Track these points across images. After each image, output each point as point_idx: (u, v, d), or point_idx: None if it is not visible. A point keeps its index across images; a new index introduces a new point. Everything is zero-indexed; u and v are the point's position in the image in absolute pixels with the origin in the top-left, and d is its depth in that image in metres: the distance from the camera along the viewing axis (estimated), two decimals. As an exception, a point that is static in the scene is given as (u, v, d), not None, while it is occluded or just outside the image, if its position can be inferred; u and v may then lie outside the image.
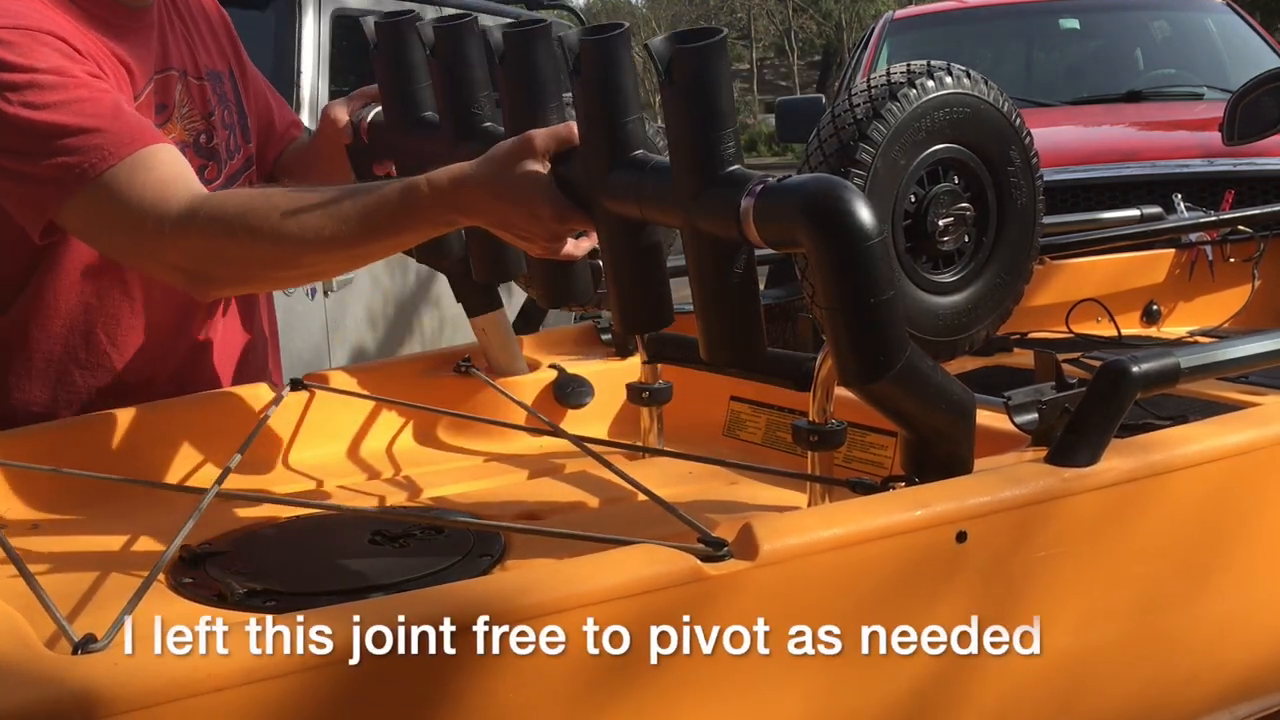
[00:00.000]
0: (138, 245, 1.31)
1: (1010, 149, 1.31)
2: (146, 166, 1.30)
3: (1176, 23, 5.01)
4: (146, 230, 1.28)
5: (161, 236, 1.27)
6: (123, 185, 1.29)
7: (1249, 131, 2.45)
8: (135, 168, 1.29)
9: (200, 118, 1.58)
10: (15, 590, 0.99)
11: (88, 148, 1.29)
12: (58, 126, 1.29)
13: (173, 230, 1.27)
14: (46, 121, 1.29)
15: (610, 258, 1.25)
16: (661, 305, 1.27)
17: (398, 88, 1.56)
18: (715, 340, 1.19)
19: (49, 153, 1.29)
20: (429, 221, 1.23)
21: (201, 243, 1.27)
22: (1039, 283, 2.19)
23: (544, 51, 1.34)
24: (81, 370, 1.52)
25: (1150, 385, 1.16)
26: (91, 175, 1.29)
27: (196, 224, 1.26)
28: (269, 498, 1.38)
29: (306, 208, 1.24)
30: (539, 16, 1.29)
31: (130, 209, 1.28)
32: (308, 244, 1.24)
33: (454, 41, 1.45)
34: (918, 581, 1.02)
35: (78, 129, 1.29)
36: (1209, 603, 1.23)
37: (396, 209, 1.22)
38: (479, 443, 1.68)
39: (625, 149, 1.19)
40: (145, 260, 1.35)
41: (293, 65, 3.77)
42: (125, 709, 0.74)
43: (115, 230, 1.32)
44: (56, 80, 1.31)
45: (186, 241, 1.27)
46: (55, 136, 1.29)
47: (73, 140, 1.29)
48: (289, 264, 1.29)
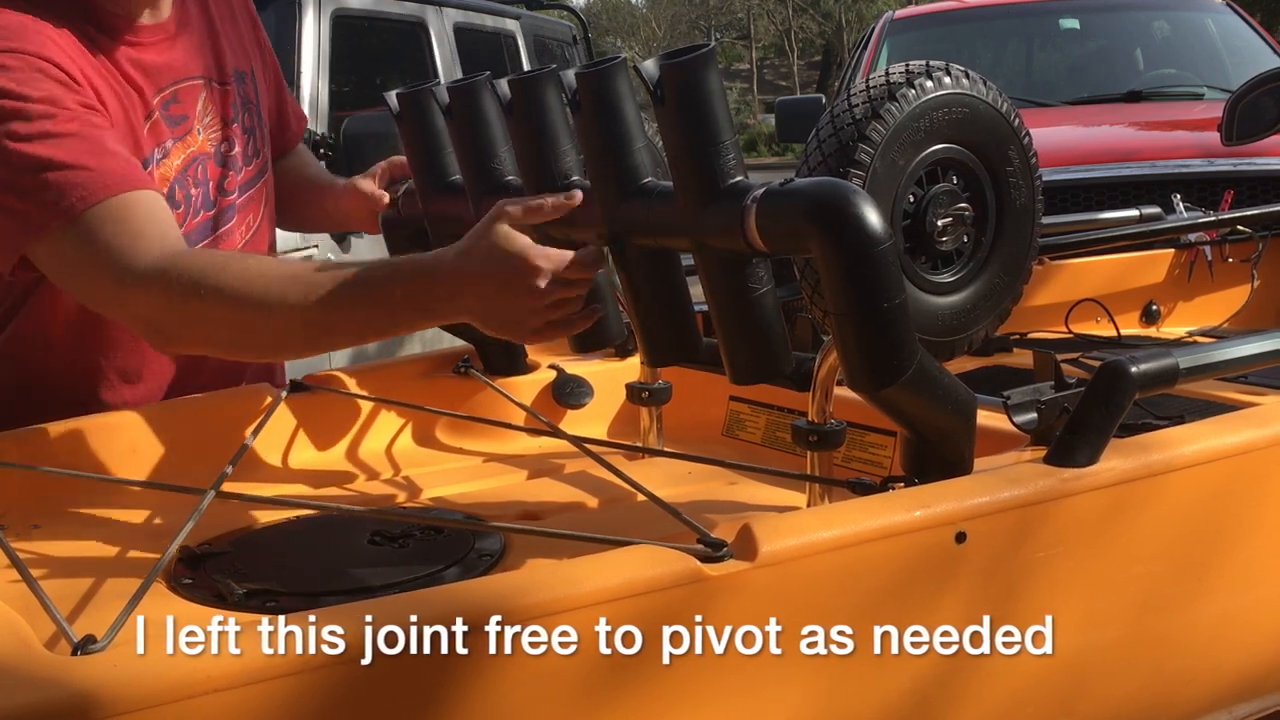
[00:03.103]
0: (104, 292, 1.30)
1: (1009, 149, 1.31)
2: (124, 213, 1.27)
3: (1176, 23, 5.01)
4: (112, 278, 1.26)
5: (126, 287, 1.25)
6: (96, 229, 1.27)
7: (1248, 131, 2.45)
8: (111, 213, 1.27)
9: (221, 126, 1.56)
10: (15, 591, 0.99)
11: (68, 185, 1.27)
12: (40, 160, 1.27)
13: (137, 282, 1.25)
14: (29, 154, 1.27)
15: (638, 291, 1.25)
16: (687, 336, 1.27)
17: (426, 154, 1.56)
18: (742, 362, 1.19)
19: (29, 188, 1.27)
20: (403, 313, 1.18)
21: (165, 299, 1.24)
22: (1038, 283, 2.19)
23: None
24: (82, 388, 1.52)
25: (1149, 385, 1.16)
26: (69, 215, 1.26)
27: (163, 280, 1.23)
28: (269, 498, 1.38)
29: (280, 275, 1.21)
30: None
31: (100, 255, 1.26)
32: (270, 311, 1.20)
33: (470, 98, 1.45)
34: (917, 582, 1.02)
35: (60, 164, 1.27)
36: (1208, 603, 1.23)
37: (363, 290, 1.18)
38: (478, 443, 1.68)
39: (634, 179, 1.19)
40: (110, 308, 1.34)
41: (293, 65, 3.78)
42: (125, 710, 0.74)
43: (83, 274, 1.30)
44: (45, 110, 1.28)
45: (149, 295, 1.25)
46: (37, 170, 1.27)
47: (54, 175, 1.27)
48: (251, 331, 1.24)
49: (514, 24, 5.12)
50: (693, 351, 1.32)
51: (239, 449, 1.40)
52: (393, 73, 4.78)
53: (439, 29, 4.49)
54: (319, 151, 3.79)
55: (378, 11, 4.29)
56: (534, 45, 5.21)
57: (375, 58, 4.76)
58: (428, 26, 4.45)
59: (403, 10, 4.37)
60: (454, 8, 4.63)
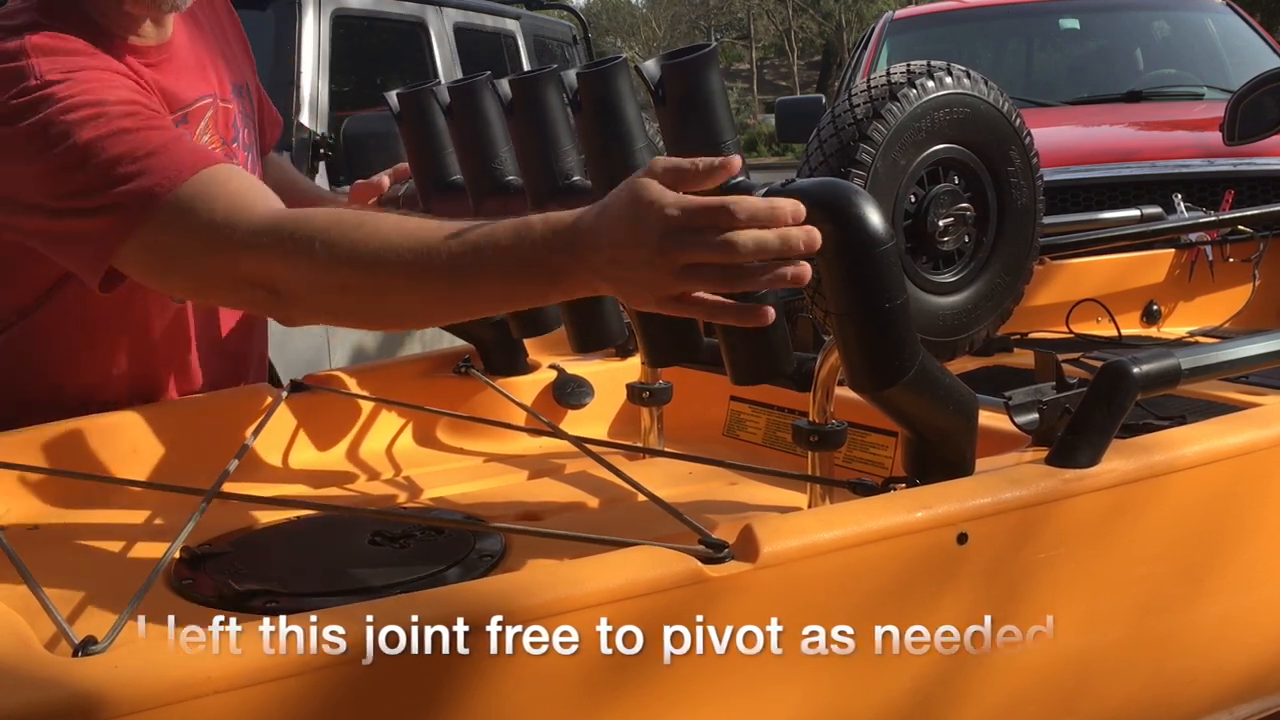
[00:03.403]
0: (209, 264, 1.21)
1: (1010, 149, 1.31)
2: (213, 186, 1.21)
3: (1176, 23, 5.01)
4: (218, 247, 1.18)
5: (233, 252, 1.17)
6: (190, 204, 1.20)
7: (1249, 131, 2.45)
8: (201, 187, 1.20)
9: (222, 145, 1.55)
10: (15, 592, 0.99)
11: (152, 170, 1.22)
12: (117, 155, 1.23)
13: (244, 244, 1.16)
14: (109, 152, 1.23)
15: None
16: (688, 336, 1.25)
17: (429, 153, 1.55)
18: (742, 362, 1.18)
19: (114, 180, 1.22)
20: (540, 271, 1.02)
21: (278, 259, 1.14)
22: (1039, 283, 2.19)
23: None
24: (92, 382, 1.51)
25: (1151, 386, 1.16)
26: (160, 196, 1.20)
27: (272, 238, 1.14)
28: (269, 499, 1.38)
29: (397, 230, 1.08)
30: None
31: (201, 227, 1.19)
32: (389, 270, 1.08)
33: (470, 97, 1.44)
34: (919, 583, 1.02)
35: (145, 153, 1.23)
36: (1210, 604, 1.23)
37: (498, 246, 1.03)
38: (479, 443, 1.68)
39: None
40: (218, 282, 1.23)
41: (293, 65, 3.78)
42: (127, 711, 0.73)
43: (185, 253, 1.22)
44: (125, 110, 1.26)
45: (260, 257, 1.15)
46: (118, 164, 1.22)
47: (133, 166, 1.22)
48: (370, 294, 1.12)
49: (514, 24, 5.12)
50: (693, 351, 1.32)
51: (239, 449, 1.39)
52: (393, 73, 4.78)
53: (439, 29, 4.49)
54: (319, 151, 3.79)
55: (378, 11, 4.29)
56: (534, 45, 5.22)
57: (375, 58, 4.76)
58: (428, 26, 4.45)
59: (403, 10, 4.37)
60: (454, 8, 4.64)
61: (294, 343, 3.33)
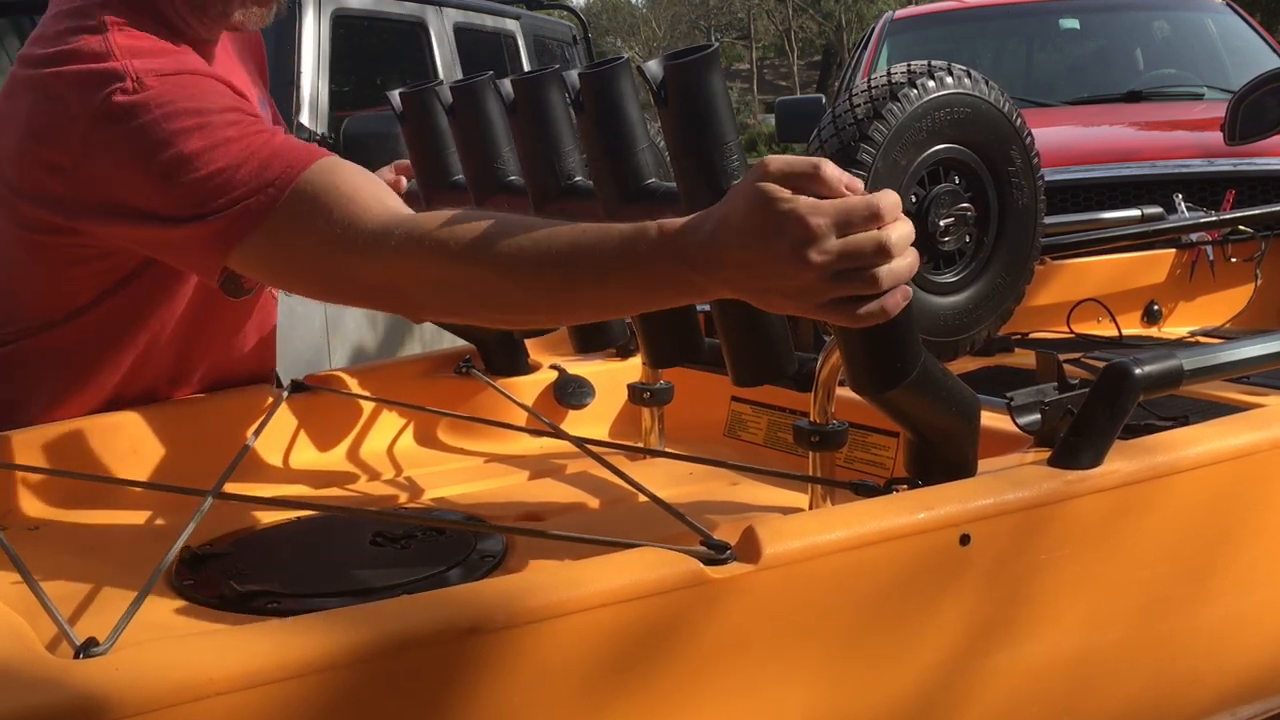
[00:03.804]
0: (331, 265, 1.19)
1: (1011, 149, 1.31)
2: (332, 179, 1.19)
3: (1176, 23, 5.01)
4: (341, 248, 1.16)
5: (357, 254, 1.15)
6: (309, 203, 1.18)
7: (1250, 131, 2.45)
8: (319, 182, 1.19)
9: None
10: (16, 593, 0.99)
11: (267, 165, 1.21)
12: (229, 164, 1.22)
13: (367, 247, 1.15)
14: (220, 160, 1.22)
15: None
16: (689, 336, 1.24)
17: (431, 154, 1.55)
18: (744, 363, 1.18)
19: (229, 187, 1.21)
20: (653, 278, 1.00)
21: (399, 262, 1.13)
22: (1040, 283, 2.19)
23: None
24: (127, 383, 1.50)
25: (1153, 387, 1.16)
26: (277, 195, 1.20)
27: (393, 240, 1.13)
28: (270, 499, 1.38)
29: (514, 232, 1.07)
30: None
31: (320, 226, 1.17)
32: (507, 271, 1.07)
33: (472, 97, 1.44)
34: (921, 584, 1.02)
35: (254, 159, 1.22)
36: (1212, 605, 1.23)
37: (611, 251, 1.01)
38: (480, 444, 1.68)
39: (638, 179, 1.18)
40: (341, 284, 1.22)
41: (293, 65, 3.77)
42: (128, 713, 0.73)
43: (306, 253, 1.21)
44: (233, 118, 1.25)
45: (382, 260, 1.14)
46: (232, 170, 1.21)
47: (242, 173, 1.21)
48: (490, 294, 1.11)
49: (514, 24, 5.11)
50: (695, 352, 1.32)
51: (240, 449, 1.39)
52: (393, 73, 4.78)
53: (439, 29, 4.49)
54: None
55: (378, 11, 4.29)
56: (534, 45, 5.21)
57: (375, 58, 4.76)
58: (428, 26, 4.45)
59: (403, 10, 4.37)
60: (454, 8, 4.63)
61: (294, 343, 3.33)
